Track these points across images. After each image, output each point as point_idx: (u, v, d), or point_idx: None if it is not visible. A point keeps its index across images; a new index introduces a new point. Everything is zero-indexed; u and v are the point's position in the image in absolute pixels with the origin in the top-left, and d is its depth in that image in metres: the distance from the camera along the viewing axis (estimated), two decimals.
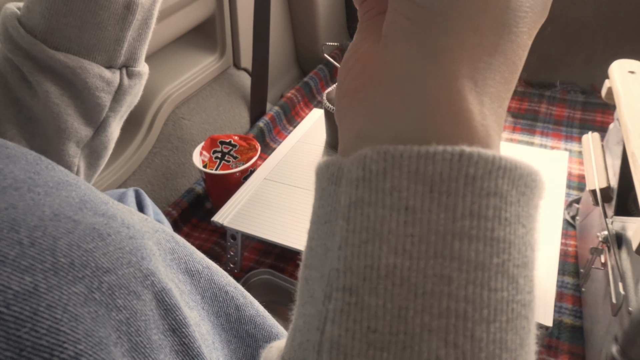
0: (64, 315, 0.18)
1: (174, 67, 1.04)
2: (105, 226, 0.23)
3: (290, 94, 1.25)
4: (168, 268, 0.26)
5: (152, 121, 0.94)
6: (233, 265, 0.84)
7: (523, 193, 0.16)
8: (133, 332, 0.21)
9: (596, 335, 0.63)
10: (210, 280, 0.30)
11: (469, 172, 0.15)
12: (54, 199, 0.22)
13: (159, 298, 0.23)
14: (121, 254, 0.22)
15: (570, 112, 1.23)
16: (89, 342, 0.19)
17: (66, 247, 0.20)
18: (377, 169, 0.16)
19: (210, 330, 0.29)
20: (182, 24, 0.99)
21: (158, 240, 0.27)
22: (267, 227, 0.78)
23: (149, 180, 0.93)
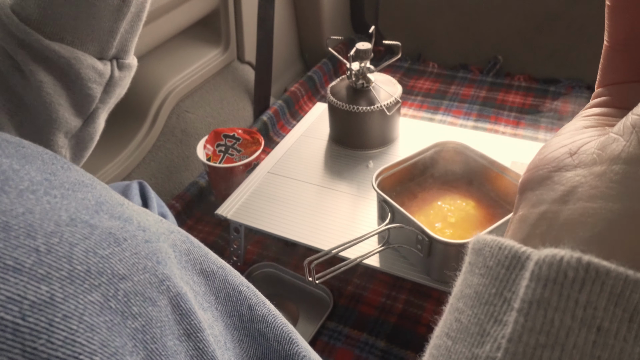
0: (80, 325, 0.18)
1: (178, 60, 1.04)
2: (121, 230, 0.22)
3: (294, 88, 1.25)
4: (183, 270, 0.26)
5: (156, 114, 0.94)
6: (236, 258, 0.85)
7: None
8: (149, 340, 0.21)
9: None
10: (224, 280, 0.30)
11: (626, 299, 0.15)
12: (71, 202, 0.21)
13: (174, 303, 0.23)
14: (137, 260, 0.22)
15: (575, 107, 1.23)
16: (104, 352, 0.18)
17: (82, 254, 0.20)
18: (574, 277, 0.15)
19: (223, 330, 0.29)
20: (186, 17, 0.99)
21: (174, 242, 0.27)
22: (271, 220, 0.78)
23: (153, 173, 0.93)
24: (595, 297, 0.15)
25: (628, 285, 0.14)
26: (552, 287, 0.15)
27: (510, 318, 0.16)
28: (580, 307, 0.15)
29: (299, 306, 0.77)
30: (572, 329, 0.15)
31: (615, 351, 0.14)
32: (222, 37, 1.11)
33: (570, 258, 0.15)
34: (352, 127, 0.88)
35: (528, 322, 0.15)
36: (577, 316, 0.15)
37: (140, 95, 0.95)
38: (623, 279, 0.14)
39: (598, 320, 0.15)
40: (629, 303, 0.14)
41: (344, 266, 0.60)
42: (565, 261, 0.15)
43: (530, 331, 0.15)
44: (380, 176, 0.71)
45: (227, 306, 0.30)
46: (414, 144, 0.93)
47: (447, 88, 1.33)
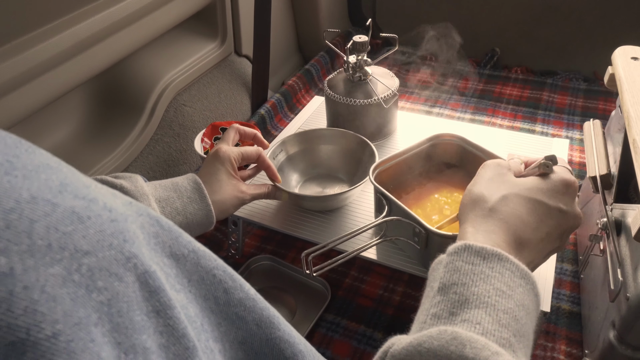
0: (42, 296, 0.18)
1: (175, 54, 1.03)
2: (85, 209, 0.23)
3: (291, 82, 1.25)
4: (152, 252, 0.27)
5: (154, 108, 0.94)
6: (234, 252, 0.85)
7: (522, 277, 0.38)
8: (114, 314, 0.21)
9: (594, 321, 0.64)
10: (196, 263, 0.30)
11: (500, 256, 0.38)
12: (33, 182, 0.22)
13: (142, 280, 0.24)
14: (102, 237, 0.22)
15: (572, 99, 1.23)
16: (67, 322, 0.19)
17: (43, 230, 0.20)
18: (461, 249, 0.39)
19: (199, 313, 0.29)
20: (183, 10, 0.98)
21: (142, 224, 0.27)
22: (269, 214, 0.78)
23: (151, 167, 0.93)
24: (469, 255, 0.38)
25: (481, 249, 0.38)
26: (454, 256, 0.39)
27: (440, 273, 0.39)
28: (464, 258, 0.38)
29: (296, 299, 0.78)
30: (462, 267, 0.37)
31: (478, 271, 0.36)
32: (219, 30, 1.11)
33: (460, 245, 0.39)
34: (350, 120, 0.88)
35: (447, 269, 0.38)
36: (464, 261, 0.38)
37: (137, 89, 0.95)
38: (478, 247, 0.38)
39: (471, 261, 0.37)
40: (481, 254, 0.38)
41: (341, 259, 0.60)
42: (458, 246, 0.39)
43: (447, 272, 0.38)
44: (377, 169, 0.71)
45: (201, 289, 0.30)
46: (411, 136, 0.93)
47: (445, 80, 1.33)
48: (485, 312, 0.34)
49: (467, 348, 0.31)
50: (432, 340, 0.32)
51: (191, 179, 0.62)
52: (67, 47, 0.75)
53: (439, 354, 0.31)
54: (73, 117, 0.88)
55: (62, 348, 0.18)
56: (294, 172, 0.85)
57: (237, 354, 0.32)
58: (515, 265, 0.37)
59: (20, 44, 0.69)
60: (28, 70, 0.70)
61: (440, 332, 0.32)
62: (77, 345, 0.19)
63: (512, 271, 0.37)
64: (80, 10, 0.77)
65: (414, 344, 0.32)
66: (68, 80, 0.77)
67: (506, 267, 0.37)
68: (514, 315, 0.34)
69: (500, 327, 0.33)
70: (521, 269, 0.37)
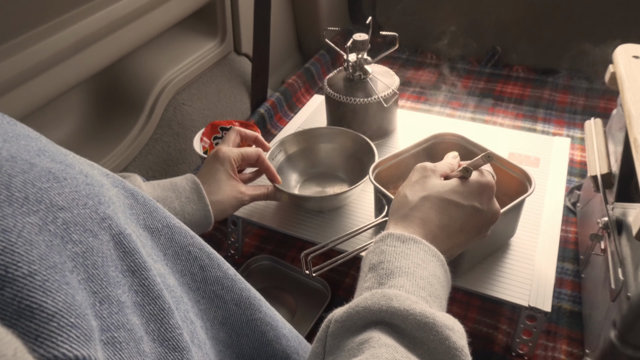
0: (19, 239, 0.19)
1: (175, 52, 1.03)
2: (62, 171, 0.24)
3: (291, 80, 1.24)
4: (128, 220, 0.27)
5: (153, 107, 0.94)
6: (234, 251, 0.85)
7: (433, 255, 0.45)
8: (89, 265, 0.22)
9: (595, 320, 0.63)
10: (170, 239, 0.31)
11: (415, 240, 0.45)
12: (12, 145, 0.23)
13: (117, 240, 0.24)
14: (77, 196, 0.23)
15: (574, 98, 1.22)
16: (43, 264, 0.20)
17: (21, 184, 0.21)
18: (385, 236, 0.45)
19: (177, 286, 0.30)
20: (183, 8, 0.98)
21: (117, 194, 0.28)
22: (268, 214, 0.78)
23: (150, 166, 0.93)
24: (392, 240, 0.44)
25: (401, 235, 0.45)
26: (380, 242, 0.45)
27: (369, 257, 0.44)
28: (388, 243, 0.44)
29: (297, 299, 0.77)
30: (386, 249, 0.44)
31: (399, 251, 0.43)
32: (219, 28, 1.11)
33: (384, 233, 0.46)
34: (350, 119, 0.88)
35: (374, 252, 0.44)
36: (388, 245, 0.44)
37: (136, 88, 0.95)
38: (398, 234, 0.45)
39: (394, 244, 0.44)
40: (401, 239, 0.44)
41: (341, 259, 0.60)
42: (383, 234, 0.46)
43: (376, 255, 0.44)
44: (377, 168, 0.70)
45: (177, 264, 0.31)
46: (412, 135, 0.93)
47: (446, 79, 1.32)
48: (407, 278, 0.40)
49: (393, 301, 0.36)
50: (366, 300, 0.37)
51: (190, 180, 0.62)
52: (66, 46, 0.74)
53: (372, 309, 0.36)
54: (72, 115, 0.88)
55: (37, 285, 0.19)
56: (294, 172, 0.85)
57: (219, 334, 0.33)
58: (427, 246, 0.44)
59: (19, 43, 0.69)
60: (27, 68, 0.69)
61: (373, 294, 0.37)
62: (52, 285, 0.19)
63: (425, 251, 0.44)
64: (80, 9, 0.77)
65: (352, 306, 0.37)
66: (67, 78, 0.77)
67: (420, 248, 0.44)
68: (429, 281, 0.41)
69: (418, 289, 0.39)
70: (432, 249, 0.44)
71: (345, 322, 0.36)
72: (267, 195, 0.72)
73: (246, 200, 0.68)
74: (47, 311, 0.19)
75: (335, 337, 0.36)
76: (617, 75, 0.66)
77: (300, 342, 0.40)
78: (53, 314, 0.19)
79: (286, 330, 0.38)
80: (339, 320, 0.37)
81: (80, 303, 0.20)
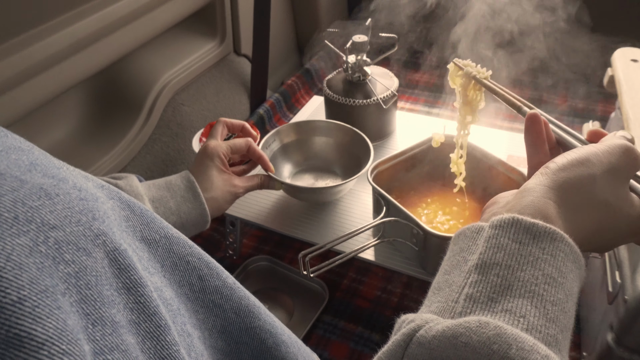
0: (7, 263, 0.19)
1: (174, 53, 1.03)
2: (54, 187, 0.23)
3: (290, 81, 1.24)
4: (124, 234, 0.27)
5: (152, 107, 0.94)
6: (232, 252, 0.85)
7: (574, 261, 0.33)
8: (82, 285, 0.21)
9: (592, 323, 0.64)
10: (168, 249, 0.30)
11: (553, 236, 0.32)
12: (2, 161, 0.22)
13: (112, 257, 0.24)
14: (70, 213, 0.23)
15: (572, 101, 1.22)
16: (33, 289, 0.19)
17: (10, 203, 0.20)
18: (508, 222, 0.33)
19: (174, 297, 0.29)
20: (182, 9, 0.98)
21: (112, 207, 0.27)
22: (266, 214, 0.78)
23: (149, 167, 0.93)
24: (518, 229, 0.32)
25: (532, 224, 0.32)
26: (498, 228, 0.33)
27: (479, 246, 0.33)
28: (511, 234, 0.32)
29: (294, 300, 0.77)
30: (508, 244, 0.32)
31: (527, 251, 0.32)
32: (218, 29, 1.11)
33: (507, 216, 0.33)
34: (349, 120, 0.88)
35: (489, 244, 0.33)
36: (510, 238, 0.32)
37: (135, 88, 0.95)
38: (529, 222, 0.32)
39: (520, 239, 0.32)
40: (532, 232, 0.32)
41: (338, 260, 0.60)
42: (505, 217, 0.33)
43: (489, 248, 0.32)
44: (375, 170, 0.70)
45: (175, 275, 0.30)
46: (411, 137, 0.93)
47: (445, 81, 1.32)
48: (531, 303, 0.29)
49: (512, 349, 0.26)
50: (471, 334, 0.27)
51: (184, 177, 0.63)
52: (65, 46, 0.74)
53: (478, 352, 0.27)
54: (71, 116, 0.88)
55: (27, 313, 0.18)
56: (287, 163, 0.85)
57: (218, 343, 0.32)
58: (569, 246, 0.32)
59: (18, 43, 0.69)
60: (26, 69, 0.69)
61: (481, 324, 0.28)
62: (43, 311, 0.19)
63: (565, 253, 0.32)
64: (79, 9, 0.77)
65: (448, 334, 0.28)
66: (66, 79, 0.77)
67: (559, 249, 0.32)
68: (563, 307, 0.30)
69: (547, 322, 0.29)
70: (574, 251, 0.33)
71: (434, 351, 0.29)
72: (261, 185, 0.71)
73: (240, 193, 0.67)
74: (37, 339, 0.18)
75: None
76: (615, 78, 0.66)
77: (300, 348, 0.39)
78: (43, 341, 0.18)
79: (285, 336, 0.38)
80: (424, 344, 0.29)
81: (72, 328, 0.20)
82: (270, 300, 0.77)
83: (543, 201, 0.34)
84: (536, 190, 0.35)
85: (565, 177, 0.36)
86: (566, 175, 0.36)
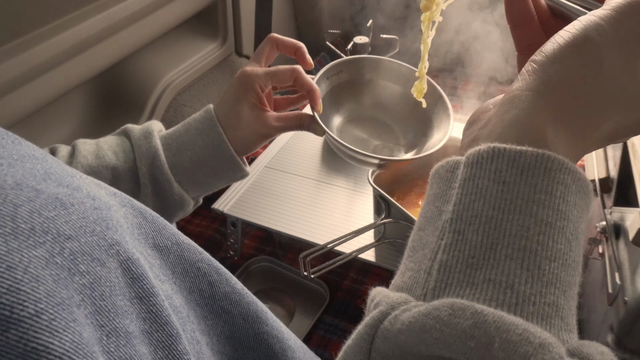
0: (25, 276, 0.19)
1: (176, 54, 1.03)
2: (69, 197, 0.23)
3: None
4: (136, 241, 0.27)
5: (154, 108, 0.94)
6: (233, 253, 0.85)
7: (579, 190, 0.25)
8: (97, 296, 0.22)
9: (592, 324, 0.64)
10: (179, 256, 0.30)
11: (547, 165, 0.24)
12: (17, 170, 0.22)
13: (125, 267, 0.24)
14: (84, 223, 0.23)
15: None
16: (50, 301, 0.19)
17: (27, 214, 0.20)
18: (486, 156, 0.25)
19: (184, 304, 0.29)
20: (184, 10, 0.98)
21: (124, 215, 0.27)
22: (268, 215, 0.78)
23: None
24: (500, 164, 0.25)
25: (517, 153, 0.24)
26: (476, 166, 0.25)
27: (454, 192, 0.26)
28: (492, 172, 0.25)
29: (295, 300, 0.78)
30: (488, 186, 0.25)
31: (514, 192, 0.24)
32: (220, 30, 1.11)
33: (484, 147, 0.25)
34: None
35: (464, 190, 0.25)
36: (491, 178, 0.25)
37: (137, 89, 0.95)
38: (514, 150, 0.25)
39: (503, 177, 0.24)
40: (519, 164, 0.24)
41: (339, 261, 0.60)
42: (482, 150, 0.25)
43: (465, 195, 0.25)
44: (376, 171, 0.71)
45: (186, 282, 0.30)
46: None
47: (446, 82, 1.33)
48: (522, 265, 0.23)
49: (495, 344, 0.20)
50: (443, 326, 0.22)
51: (204, 110, 0.56)
52: (67, 47, 0.75)
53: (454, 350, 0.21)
54: (73, 117, 0.88)
55: (44, 326, 0.18)
56: (337, 107, 0.67)
57: (225, 348, 0.32)
58: (571, 173, 0.24)
59: (21, 44, 0.69)
60: (28, 70, 0.70)
61: (454, 311, 0.22)
62: (60, 324, 0.19)
63: (566, 185, 0.24)
64: (81, 10, 0.77)
65: (416, 327, 0.22)
66: (68, 80, 0.77)
67: (557, 180, 0.24)
68: (564, 260, 0.24)
69: (543, 288, 0.23)
70: (578, 177, 0.25)
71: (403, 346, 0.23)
72: (300, 125, 0.57)
73: (273, 134, 0.56)
74: (54, 353, 0.18)
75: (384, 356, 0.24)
76: None
77: (306, 353, 0.39)
78: (60, 355, 0.18)
79: (292, 342, 0.38)
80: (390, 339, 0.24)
81: (87, 340, 0.20)
82: (271, 300, 0.77)
83: (532, 114, 0.25)
84: (522, 99, 0.26)
85: (559, 72, 0.26)
86: (560, 69, 0.26)
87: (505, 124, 0.26)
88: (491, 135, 0.26)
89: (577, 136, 0.26)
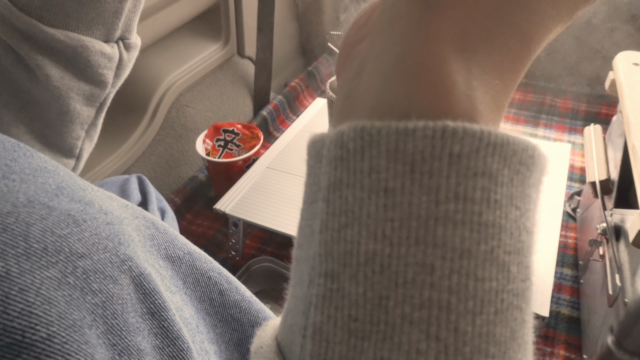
0: (37, 298, 0.19)
1: (178, 54, 1.04)
2: (81, 212, 0.23)
3: (294, 83, 1.25)
4: (148, 254, 0.27)
5: (156, 108, 0.95)
6: (235, 253, 0.85)
7: (517, 171, 0.15)
8: (109, 315, 0.21)
9: (592, 326, 0.64)
10: (191, 266, 0.30)
11: (453, 150, 0.14)
12: (30, 186, 0.22)
13: (137, 282, 0.24)
14: (97, 240, 0.22)
15: (575, 104, 1.23)
16: (62, 324, 0.19)
17: (39, 233, 0.20)
18: (354, 147, 0.14)
19: (194, 314, 0.29)
20: (187, 11, 0.99)
21: (137, 226, 0.27)
22: (269, 215, 0.78)
23: (152, 167, 0.93)
24: (376, 160, 0.14)
25: (400, 136, 0.14)
26: (341, 165, 0.15)
27: (319, 209, 0.16)
28: (365, 174, 0.14)
29: None
30: (362, 199, 0.14)
31: (404, 207, 0.14)
32: (222, 31, 1.11)
33: (348, 130, 0.14)
34: None
35: (329, 208, 0.15)
36: (365, 185, 0.14)
37: (140, 89, 0.96)
38: (394, 132, 0.14)
39: (383, 183, 0.14)
40: (405, 155, 0.14)
41: None
42: (346, 135, 0.15)
43: (332, 216, 0.15)
44: None
45: (197, 291, 0.30)
46: None
47: None
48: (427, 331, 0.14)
49: None
50: None
51: None
52: None
53: None
54: None
55: (56, 350, 0.18)
56: None
57: (233, 355, 0.32)
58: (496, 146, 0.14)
59: None
60: None
61: None
62: (72, 347, 0.19)
63: (490, 176, 0.14)
64: None
65: None
66: None
67: (475, 171, 0.14)
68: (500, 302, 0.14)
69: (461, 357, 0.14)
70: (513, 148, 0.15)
71: None
72: None
73: None
74: None
75: None
76: (616, 82, 0.67)
77: None
78: None
79: None
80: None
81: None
82: (273, 300, 0.78)
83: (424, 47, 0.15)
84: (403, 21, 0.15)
85: None
86: None
87: (384, 73, 0.15)
88: (367, 96, 0.15)
89: (502, 68, 0.16)
